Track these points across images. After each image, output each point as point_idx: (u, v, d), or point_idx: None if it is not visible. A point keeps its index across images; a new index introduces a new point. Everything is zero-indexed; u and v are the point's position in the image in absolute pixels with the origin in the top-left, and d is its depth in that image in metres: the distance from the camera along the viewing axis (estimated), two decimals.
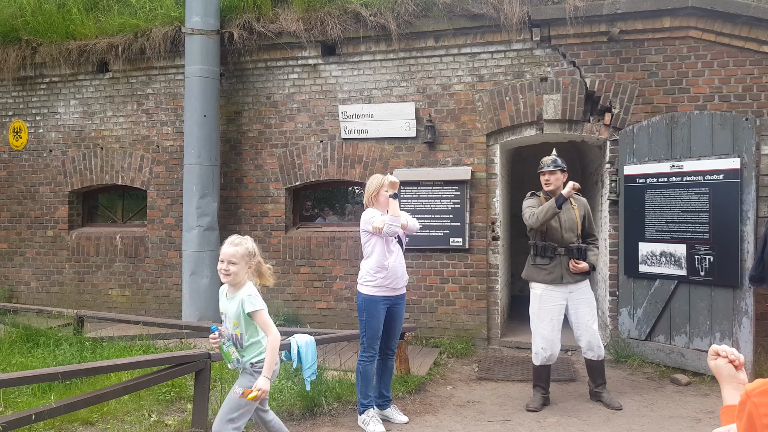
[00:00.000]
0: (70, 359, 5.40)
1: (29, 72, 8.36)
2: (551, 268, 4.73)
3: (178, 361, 4.20)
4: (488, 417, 4.65)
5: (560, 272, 4.71)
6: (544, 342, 4.77)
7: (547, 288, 4.74)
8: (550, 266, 4.74)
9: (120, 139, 8.11)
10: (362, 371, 4.35)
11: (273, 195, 7.50)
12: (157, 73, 7.94)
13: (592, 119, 6.57)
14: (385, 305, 4.33)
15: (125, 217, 8.56)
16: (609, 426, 4.45)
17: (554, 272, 4.72)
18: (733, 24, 6.03)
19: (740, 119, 5.43)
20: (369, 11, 6.81)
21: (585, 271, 4.77)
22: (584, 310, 4.77)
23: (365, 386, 4.36)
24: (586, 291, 4.81)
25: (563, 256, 4.72)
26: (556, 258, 4.72)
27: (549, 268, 4.74)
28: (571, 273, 4.72)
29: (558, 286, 4.72)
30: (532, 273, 4.84)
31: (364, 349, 4.36)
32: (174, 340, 6.31)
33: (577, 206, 4.86)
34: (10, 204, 8.65)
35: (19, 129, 8.59)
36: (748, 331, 5.32)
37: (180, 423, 4.32)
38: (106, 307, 8.04)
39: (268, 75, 7.55)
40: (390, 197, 4.25)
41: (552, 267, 4.73)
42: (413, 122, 6.92)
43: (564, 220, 4.76)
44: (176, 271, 7.70)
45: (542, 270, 4.77)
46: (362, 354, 4.36)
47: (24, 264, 8.57)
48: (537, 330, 4.81)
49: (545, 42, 6.59)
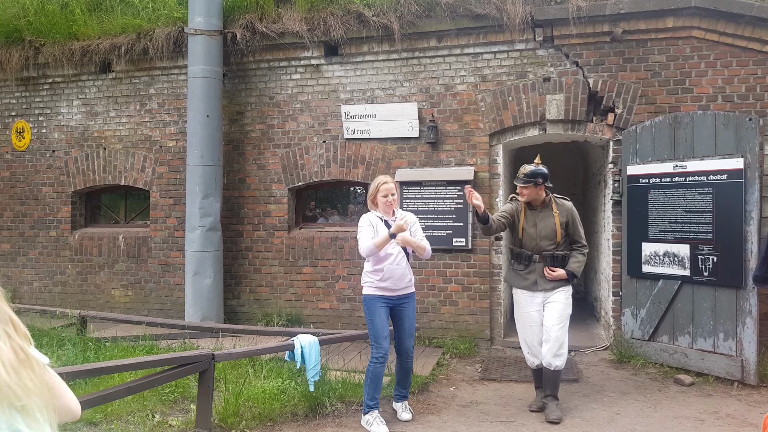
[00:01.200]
0: (74, 360, 5.41)
1: (32, 72, 8.37)
2: (526, 275, 4.66)
3: (182, 361, 4.20)
4: (491, 417, 4.65)
5: (535, 278, 4.62)
6: (527, 348, 4.76)
7: (524, 293, 4.67)
8: (525, 272, 4.67)
9: (123, 140, 8.12)
10: (371, 372, 4.33)
11: (276, 195, 7.50)
12: (159, 74, 7.95)
13: (595, 119, 6.56)
14: (384, 305, 4.33)
15: (128, 217, 8.57)
16: (613, 426, 4.45)
17: (529, 278, 4.64)
18: (737, 24, 6.02)
19: (743, 119, 5.42)
20: (372, 11, 6.81)
21: (563, 279, 4.60)
22: (553, 316, 4.57)
23: (373, 388, 4.34)
24: (561, 297, 4.61)
25: (538, 263, 4.62)
26: (531, 264, 4.64)
27: (524, 274, 4.67)
28: (546, 280, 4.59)
29: (534, 293, 4.63)
30: (511, 277, 4.83)
31: (373, 350, 4.35)
32: (177, 341, 6.31)
33: (558, 213, 4.67)
34: (13, 204, 8.67)
35: (22, 129, 8.60)
36: (752, 331, 5.31)
37: (184, 423, 4.32)
38: (109, 307, 8.05)
39: (270, 75, 7.56)
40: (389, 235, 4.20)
41: (527, 273, 4.65)
42: (416, 122, 6.92)
43: (541, 228, 4.63)
44: (179, 272, 7.71)
45: (519, 275, 4.72)
46: (372, 355, 4.35)
47: (27, 264, 8.58)
48: (520, 335, 4.81)
49: (548, 42, 6.58)
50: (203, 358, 4.24)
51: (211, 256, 7.13)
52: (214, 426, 4.25)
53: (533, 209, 4.70)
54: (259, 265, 7.51)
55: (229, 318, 7.47)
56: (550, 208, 4.68)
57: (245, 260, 7.57)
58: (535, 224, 4.65)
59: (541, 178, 4.62)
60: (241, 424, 4.33)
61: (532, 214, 4.69)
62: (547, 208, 4.68)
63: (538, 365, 4.75)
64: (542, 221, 4.65)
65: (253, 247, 7.54)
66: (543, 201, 4.69)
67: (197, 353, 4.38)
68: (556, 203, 4.71)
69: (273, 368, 5.34)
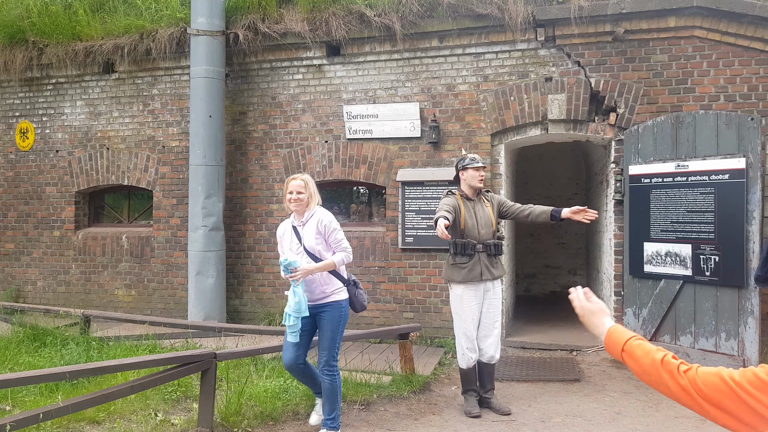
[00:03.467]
0: (77, 359, 5.44)
1: (36, 73, 8.41)
2: (471, 266, 4.69)
3: (184, 360, 4.22)
4: (493, 417, 4.66)
5: (479, 269, 4.68)
6: (468, 342, 4.71)
7: (467, 287, 4.70)
8: (470, 264, 4.69)
9: (126, 140, 8.15)
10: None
11: (278, 195, 7.52)
12: (162, 74, 7.98)
13: (596, 119, 6.56)
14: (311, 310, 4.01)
15: (131, 217, 8.60)
16: (614, 426, 4.45)
17: (474, 269, 4.68)
18: (739, 23, 6.02)
19: (745, 119, 5.41)
20: (373, 12, 6.82)
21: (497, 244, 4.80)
22: (494, 311, 4.78)
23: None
24: (499, 292, 4.85)
25: (481, 253, 4.71)
26: (475, 255, 4.70)
27: (469, 265, 4.69)
28: (489, 270, 4.71)
29: (477, 284, 4.70)
30: (451, 273, 4.79)
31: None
32: (180, 340, 6.34)
33: (489, 204, 4.89)
34: (17, 204, 8.71)
35: (25, 130, 8.64)
36: (754, 331, 5.30)
37: (186, 422, 4.34)
38: (113, 306, 8.08)
39: (272, 75, 7.58)
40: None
41: (472, 264, 4.69)
42: (418, 122, 6.93)
43: (480, 217, 4.78)
44: (182, 271, 7.74)
45: (462, 269, 4.71)
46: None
47: (31, 264, 8.62)
48: (460, 330, 4.74)
49: (550, 42, 6.58)
50: (206, 358, 4.26)
51: (213, 256, 7.16)
52: (216, 425, 4.27)
53: (470, 200, 4.84)
54: (262, 265, 7.53)
55: (231, 317, 7.50)
56: (482, 200, 4.89)
57: (248, 260, 7.59)
58: (474, 214, 4.79)
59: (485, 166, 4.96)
60: (243, 423, 4.35)
61: (471, 205, 4.82)
62: (480, 199, 4.88)
63: (474, 362, 4.75)
64: (480, 211, 4.82)
65: (256, 246, 7.56)
66: (479, 191, 4.87)
67: (200, 352, 4.40)
68: (485, 195, 4.94)
69: (275, 367, 5.36)
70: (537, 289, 10.45)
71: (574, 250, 10.35)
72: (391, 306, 7.07)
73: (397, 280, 7.05)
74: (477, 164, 4.81)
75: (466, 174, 4.81)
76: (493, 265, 4.76)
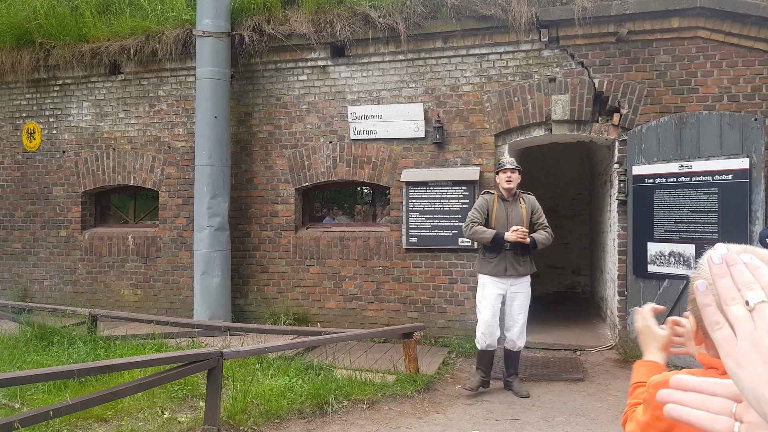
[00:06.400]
0: (85, 357, 5.49)
1: (43, 74, 8.48)
2: (497, 261, 5.09)
3: (191, 359, 4.26)
4: (497, 416, 4.69)
5: (504, 265, 5.08)
6: (484, 327, 5.10)
7: (491, 279, 5.12)
8: (496, 259, 5.10)
9: (132, 141, 8.21)
10: None
11: (283, 195, 7.56)
12: (168, 75, 8.03)
13: (600, 119, 6.58)
14: None
15: (137, 217, 8.66)
16: (617, 425, 4.47)
17: (500, 265, 5.08)
18: (742, 24, 6.03)
19: (749, 119, 5.43)
20: (378, 13, 6.86)
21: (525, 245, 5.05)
22: (519, 303, 5.16)
23: None
24: (525, 286, 5.19)
25: (508, 251, 5.07)
26: (502, 252, 5.08)
27: (495, 261, 5.10)
28: (514, 267, 5.07)
29: (501, 278, 5.10)
30: (479, 266, 5.27)
31: None
32: (186, 339, 6.39)
33: (525, 205, 5.22)
34: (24, 204, 8.78)
35: (32, 130, 8.71)
36: None
37: (192, 420, 4.38)
38: (119, 306, 8.13)
39: (277, 76, 7.62)
40: None
41: (498, 260, 5.09)
42: (422, 123, 6.96)
43: (511, 218, 5.12)
44: (187, 271, 7.79)
45: (489, 263, 5.13)
46: None
47: (38, 264, 8.69)
48: (482, 314, 5.14)
49: (553, 42, 6.61)
50: (212, 356, 4.30)
51: (219, 256, 7.20)
52: (222, 423, 4.31)
53: (505, 201, 5.20)
54: (267, 265, 7.57)
55: (236, 317, 7.54)
56: (518, 200, 5.23)
57: (253, 260, 7.64)
58: (507, 214, 5.16)
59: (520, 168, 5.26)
60: (249, 421, 4.39)
61: (504, 205, 5.19)
62: (516, 200, 5.22)
63: (488, 345, 5.12)
64: (513, 212, 5.17)
65: (261, 246, 7.61)
66: (515, 193, 5.21)
67: (206, 351, 4.44)
68: (522, 197, 5.26)
69: (280, 366, 5.40)
70: (541, 289, 10.44)
71: (578, 250, 10.36)
72: (395, 306, 7.10)
73: (401, 280, 7.08)
74: (503, 167, 5.21)
75: (498, 177, 5.27)
76: (519, 263, 5.10)
